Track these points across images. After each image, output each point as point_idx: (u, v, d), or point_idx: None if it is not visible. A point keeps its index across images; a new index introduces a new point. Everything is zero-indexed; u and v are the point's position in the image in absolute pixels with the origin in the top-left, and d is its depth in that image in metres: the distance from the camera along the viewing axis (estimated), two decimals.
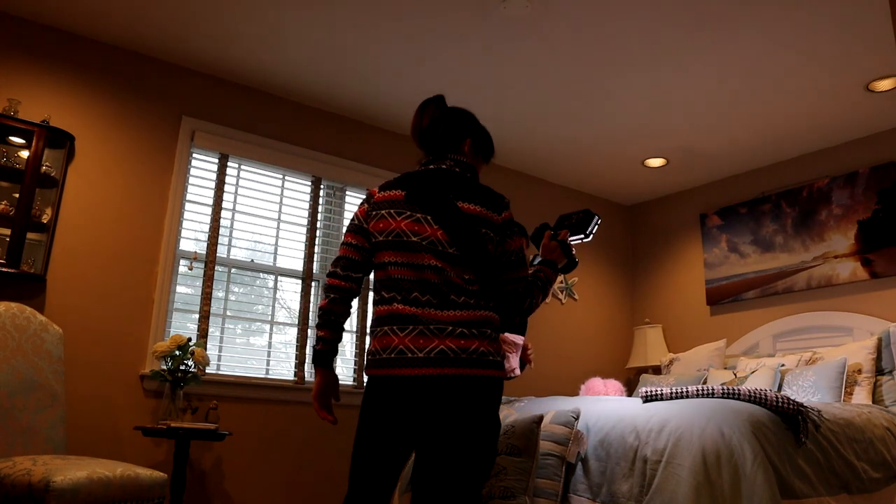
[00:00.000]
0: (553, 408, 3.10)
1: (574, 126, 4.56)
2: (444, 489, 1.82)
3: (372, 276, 2.07)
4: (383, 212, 2.00)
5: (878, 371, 3.79)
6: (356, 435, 1.96)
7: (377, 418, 1.91)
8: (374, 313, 1.98)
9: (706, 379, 4.34)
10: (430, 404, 1.84)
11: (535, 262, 2.27)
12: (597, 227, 2.39)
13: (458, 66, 3.85)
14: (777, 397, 2.71)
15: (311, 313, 4.19)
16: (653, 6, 3.27)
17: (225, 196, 4.03)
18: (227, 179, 4.05)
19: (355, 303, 4.30)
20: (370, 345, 1.96)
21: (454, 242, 1.92)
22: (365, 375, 4.35)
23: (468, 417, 1.84)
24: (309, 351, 4.13)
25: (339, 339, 2.06)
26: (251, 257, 4.09)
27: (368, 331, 2.45)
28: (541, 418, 2.77)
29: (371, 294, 3.70)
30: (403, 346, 1.86)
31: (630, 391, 5.26)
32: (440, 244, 1.92)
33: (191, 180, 3.94)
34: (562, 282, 5.41)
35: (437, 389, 1.83)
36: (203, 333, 3.73)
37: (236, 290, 4.06)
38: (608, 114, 4.37)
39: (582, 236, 2.39)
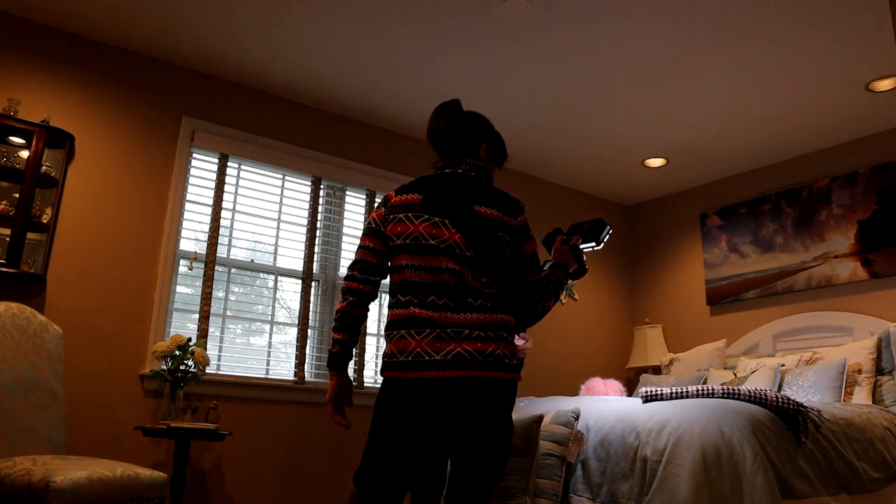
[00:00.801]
0: (553, 408, 3.10)
1: (574, 126, 4.56)
2: (459, 490, 1.84)
3: (387, 279, 2.07)
4: (401, 215, 2.00)
5: (878, 371, 3.79)
6: (370, 437, 1.96)
7: (394, 420, 1.91)
8: (389, 316, 1.98)
9: (706, 379, 4.34)
10: (446, 407, 1.85)
11: (546, 266, 2.28)
12: (608, 235, 2.41)
13: (458, 65, 3.85)
14: (777, 397, 2.71)
15: (311, 313, 4.19)
16: (652, 7, 3.27)
17: (225, 196, 4.03)
18: (227, 179, 4.05)
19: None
20: (386, 347, 1.97)
21: (472, 246, 1.93)
22: (379, 377, 4.37)
23: (484, 420, 1.85)
24: (309, 351, 4.13)
25: (356, 342, 2.06)
26: (251, 257, 4.09)
27: (383, 333, 2.47)
28: (541, 418, 2.77)
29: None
30: (420, 349, 1.87)
31: (630, 391, 5.26)
32: (458, 247, 1.93)
33: (191, 180, 3.94)
34: None
35: (454, 392, 1.84)
36: (203, 333, 3.73)
37: (236, 290, 4.06)
38: (608, 114, 4.37)
39: (593, 244, 2.41)
